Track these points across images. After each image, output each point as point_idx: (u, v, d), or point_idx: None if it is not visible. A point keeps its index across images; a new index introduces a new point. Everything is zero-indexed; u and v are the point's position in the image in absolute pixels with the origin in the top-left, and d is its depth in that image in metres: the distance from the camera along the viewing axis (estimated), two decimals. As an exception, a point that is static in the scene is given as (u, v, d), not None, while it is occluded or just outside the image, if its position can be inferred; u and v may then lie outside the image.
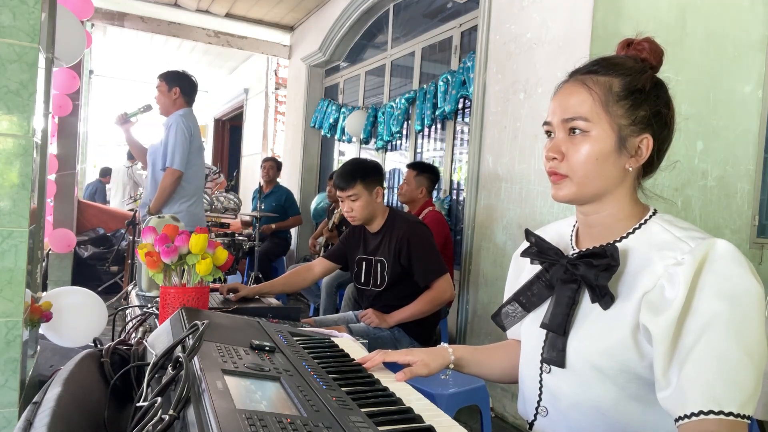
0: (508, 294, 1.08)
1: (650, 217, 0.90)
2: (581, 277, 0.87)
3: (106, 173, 8.68)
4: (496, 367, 1.13)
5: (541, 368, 0.95)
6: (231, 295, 1.91)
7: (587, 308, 0.88)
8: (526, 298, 0.99)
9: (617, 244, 0.88)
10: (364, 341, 1.43)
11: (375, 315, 2.14)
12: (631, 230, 0.89)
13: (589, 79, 0.89)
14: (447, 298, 2.19)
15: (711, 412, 0.72)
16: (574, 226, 1.00)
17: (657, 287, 0.80)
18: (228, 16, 5.88)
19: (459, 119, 3.73)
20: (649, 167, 0.92)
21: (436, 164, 3.86)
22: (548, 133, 0.93)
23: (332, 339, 1.26)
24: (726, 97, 2.79)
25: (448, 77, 3.59)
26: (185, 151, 3.03)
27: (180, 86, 3.14)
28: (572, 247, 0.97)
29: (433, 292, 2.15)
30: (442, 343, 1.13)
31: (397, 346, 2.15)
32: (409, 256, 2.14)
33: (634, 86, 0.87)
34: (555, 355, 0.90)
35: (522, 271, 1.07)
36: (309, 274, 2.31)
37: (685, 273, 0.77)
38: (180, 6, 5.68)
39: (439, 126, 3.95)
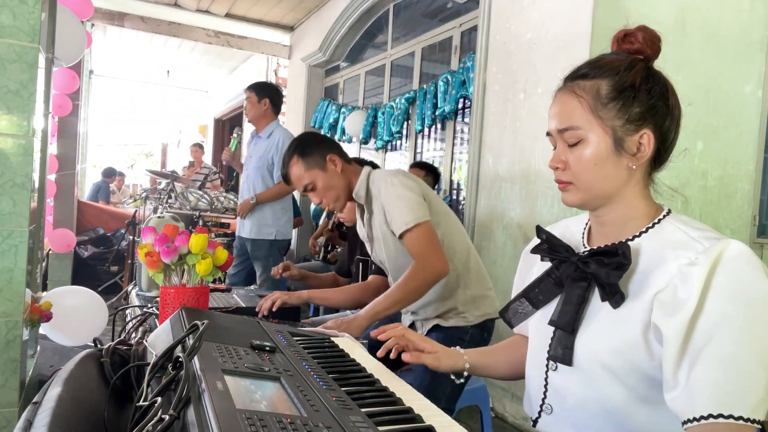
0: (516, 291, 1.07)
1: (664, 216, 0.89)
2: (592, 275, 0.86)
3: (110, 173, 8.72)
4: (503, 366, 1.14)
5: (547, 365, 0.94)
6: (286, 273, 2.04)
7: (597, 307, 0.88)
8: (535, 295, 0.98)
9: (629, 243, 0.87)
10: (364, 341, 1.42)
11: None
12: (643, 229, 0.88)
13: (577, 86, 0.89)
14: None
15: (720, 415, 0.71)
16: (586, 224, 1.00)
17: (669, 287, 0.79)
18: (228, 16, 5.87)
19: (459, 119, 3.73)
20: (657, 160, 0.90)
21: (436, 164, 3.85)
22: (553, 143, 0.93)
23: (332, 339, 1.26)
24: (726, 97, 2.79)
25: (448, 77, 3.59)
26: None
27: (270, 97, 3.32)
28: (583, 245, 0.97)
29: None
30: (457, 347, 1.14)
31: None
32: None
33: (623, 84, 0.86)
34: (562, 352, 0.90)
35: (531, 267, 1.06)
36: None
37: (698, 273, 0.76)
38: (180, 6, 5.67)
39: (439, 126, 3.94)
